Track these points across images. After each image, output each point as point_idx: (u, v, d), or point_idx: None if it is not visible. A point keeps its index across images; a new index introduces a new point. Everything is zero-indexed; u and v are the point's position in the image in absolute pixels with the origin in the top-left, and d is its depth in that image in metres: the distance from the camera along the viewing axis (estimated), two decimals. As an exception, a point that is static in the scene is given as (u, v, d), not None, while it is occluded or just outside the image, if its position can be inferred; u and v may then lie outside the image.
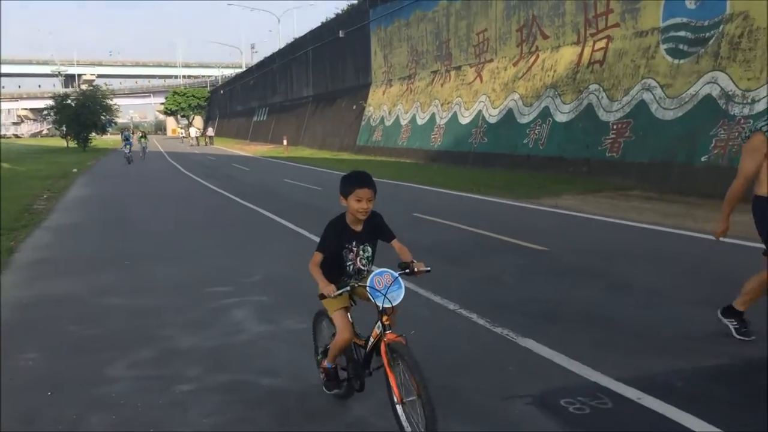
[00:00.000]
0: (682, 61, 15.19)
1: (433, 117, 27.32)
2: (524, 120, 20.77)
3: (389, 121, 31.73)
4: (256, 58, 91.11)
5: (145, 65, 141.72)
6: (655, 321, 5.56)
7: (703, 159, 13.64)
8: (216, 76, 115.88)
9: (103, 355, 5.15)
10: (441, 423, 3.22)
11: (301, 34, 52.11)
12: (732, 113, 13.36)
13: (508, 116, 21.74)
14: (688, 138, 14.33)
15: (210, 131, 71.17)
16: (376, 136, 32.95)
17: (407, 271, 3.64)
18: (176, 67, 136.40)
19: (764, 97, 12.73)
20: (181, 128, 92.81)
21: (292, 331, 5.64)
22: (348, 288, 3.59)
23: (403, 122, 30.10)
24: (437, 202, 14.46)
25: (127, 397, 4.34)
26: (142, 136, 41.87)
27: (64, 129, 55.93)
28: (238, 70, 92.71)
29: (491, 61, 23.94)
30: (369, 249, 3.89)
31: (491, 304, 6.19)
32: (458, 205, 14.10)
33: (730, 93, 13.58)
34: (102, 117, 55.67)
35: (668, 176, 14.48)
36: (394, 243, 3.88)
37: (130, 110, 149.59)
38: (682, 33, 15.32)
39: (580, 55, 18.99)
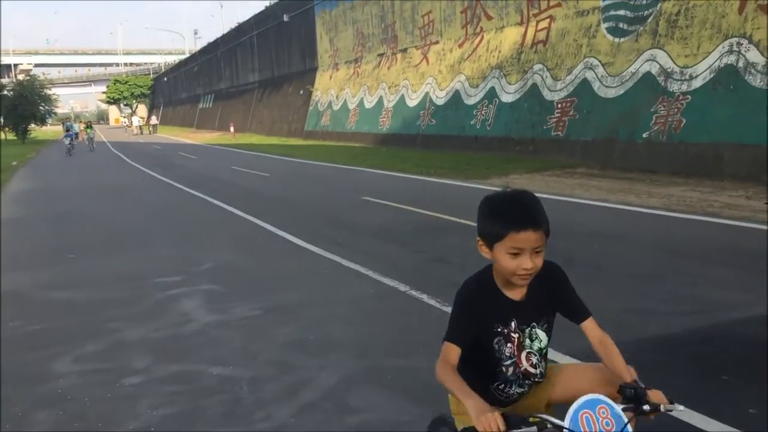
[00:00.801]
0: (622, 40, 15.46)
1: (380, 100, 27.29)
2: (471, 101, 20.92)
3: (337, 105, 31.59)
4: (200, 44, 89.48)
5: (84, 53, 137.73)
6: (597, 295, 5.70)
7: (644, 135, 13.96)
8: (159, 64, 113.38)
9: (49, 351, 5.04)
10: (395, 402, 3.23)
11: (245, 18, 51.39)
12: (671, 90, 13.68)
13: (455, 98, 21.86)
14: (629, 115, 14.63)
15: (154, 120, 69.83)
16: (324, 120, 32.78)
17: (643, 407, 1.84)
18: (117, 54, 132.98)
19: (701, 73, 13.07)
20: (124, 117, 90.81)
21: (242, 318, 5.61)
22: (533, 428, 1.73)
23: (351, 106, 30.00)
24: (387, 186, 14.49)
25: (74, 391, 4.25)
26: (87, 126, 40.04)
27: (2, 121, 54.18)
28: (182, 57, 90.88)
29: (437, 43, 23.99)
30: (542, 335, 2.19)
31: (441, 283, 6.25)
32: (408, 187, 14.16)
33: (668, 70, 13.89)
34: (41, 108, 54.11)
35: (611, 153, 14.78)
36: (588, 326, 2.20)
37: (70, 100, 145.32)
38: (621, 12, 15.59)
39: (524, 35, 19.17)
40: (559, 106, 16.95)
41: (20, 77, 75.47)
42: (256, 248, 8.66)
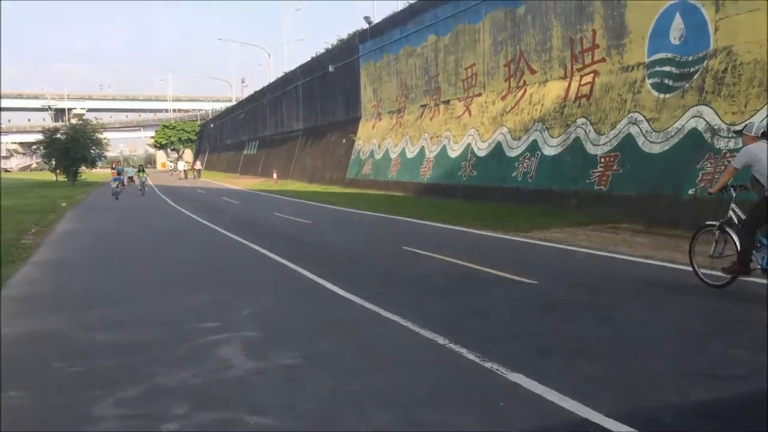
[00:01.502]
0: (667, 96, 15.39)
1: (422, 150, 27.48)
2: (513, 153, 20.93)
3: (379, 154, 31.90)
4: (247, 92, 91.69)
5: (135, 99, 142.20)
6: (646, 355, 5.56)
7: (690, 192, 13.75)
8: (206, 110, 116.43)
9: (89, 393, 5.08)
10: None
11: (292, 68, 52.66)
12: (718, 147, 13.51)
13: (497, 150, 21.90)
14: (674, 171, 14.46)
15: (198, 164, 71.43)
16: (366, 169, 33.09)
17: None
18: (167, 100, 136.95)
19: (749, 131, 12.88)
20: (171, 162, 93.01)
21: (281, 366, 5.60)
22: None
23: (393, 155, 30.25)
24: (427, 236, 14.48)
25: (113, 436, 4.27)
26: (140, 170, 39.10)
27: (54, 163, 55.84)
28: (229, 104, 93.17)
29: (479, 95, 24.19)
30: None
31: (480, 338, 6.17)
32: (448, 238, 14.13)
33: (715, 127, 13.74)
34: (92, 151, 55.67)
35: (656, 209, 14.57)
36: None
37: (120, 144, 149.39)
38: (667, 68, 15.55)
39: (567, 89, 19.23)
40: (603, 160, 16.85)
41: (73, 121, 78.18)
42: (295, 295, 8.69)
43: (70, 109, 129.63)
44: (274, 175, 44.38)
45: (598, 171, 16.88)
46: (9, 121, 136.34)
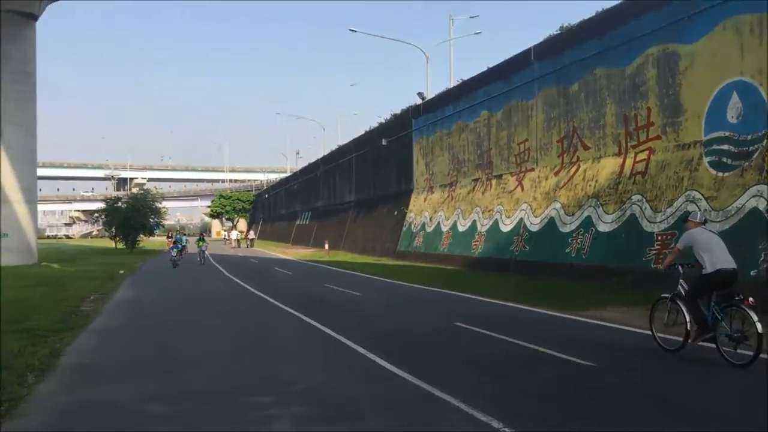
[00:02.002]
0: (726, 174, 15.16)
1: (474, 224, 27.46)
2: (566, 229, 20.74)
3: (430, 227, 31.98)
4: (301, 164, 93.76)
5: (194, 169, 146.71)
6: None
7: (752, 273, 13.35)
8: (261, 180, 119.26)
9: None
10: None
11: (345, 141, 53.79)
12: (780, 226, 13.16)
13: (550, 225, 21.74)
14: (735, 251, 14.00)
15: (251, 234, 72.65)
16: (417, 241, 33.15)
17: None
18: (223, 171, 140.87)
19: (813, 211, 12.54)
20: (224, 231, 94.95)
21: (332, 446, 5.54)
22: None
23: (444, 228, 30.29)
24: (479, 311, 14.31)
25: None
26: (200, 239, 37.64)
27: (114, 230, 57.47)
28: (283, 175, 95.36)
29: (532, 170, 24.22)
30: None
31: (537, 422, 6.01)
32: (500, 314, 13.94)
33: (777, 206, 13.42)
34: (150, 220, 57.17)
35: (716, 289, 14.14)
36: None
37: (177, 212, 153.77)
38: (725, 146, 15.37)
39: (622, 166, 19.12)
40: (660, 238, 16.55)
41: (134, 190, 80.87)
42: (346, 370, 8.64)
43: (131, 179, 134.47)
44: (326, 246, 44.75)
45: (655, 249, 16.57)
46: (74, 189, 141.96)
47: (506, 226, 24.72)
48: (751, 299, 8.28)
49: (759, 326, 7.89)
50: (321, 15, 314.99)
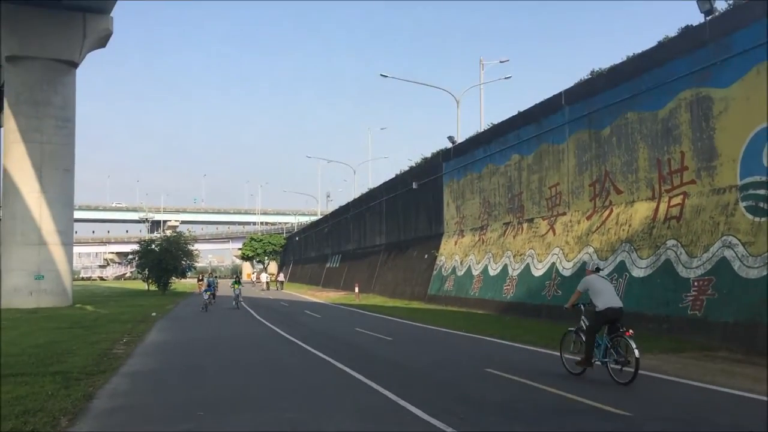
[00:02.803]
0: (763, 219, 14.89)
1: (505, 268, 27.25)
2: (599, 274, 20.43)
3: (461, 270, 31.80)
4: (332, 206, 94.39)
5: (226, 212, 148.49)
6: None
7: (793, 320, 13.01)
8: (292, 223, 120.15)
9: None
10: None
11: (376, 184, 54.10)
12: (821, 273, 12.84)
13: (583, 269, 21.41)
14: (775, 297, 13.74)
15: (281, 277, 73.09)
16: (448, 285, 32.95)
17: None
18: (255, 214, 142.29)
19: None
20: (253, 273, 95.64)
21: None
22: None
23: (475, 272, 30.09)
24: (511, 357, 14.10)
25: None
26: (235, 281, 35.66)
27: (147, 272, 58.10)
28: (314, 218, 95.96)
29: (564, 214, 24.06)
30: None
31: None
32: (533, 360, 13.71)
33: (817, 252, 13.12)
34: (183, 262, 57.69)
35: (755, 337, 13.79)
36: None
37: (209, 254, 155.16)
38: (761, 191, 15.14)
39: (656, 210, 18.91)
40: (696, 284, 16.24)
41: (167, 233, 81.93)
42: (377, 418, 8.53)
43: (165, 221, 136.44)
44: (356, 289, 44.73)
45: (692, 295, 16.25)
46: (108, 231, 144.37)
47: (538, 271, 24.49)
48: (630, 331, 10.64)
49: (636, 352, 10.11)
50: (352, 60, 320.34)
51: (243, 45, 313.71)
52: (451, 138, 37.16)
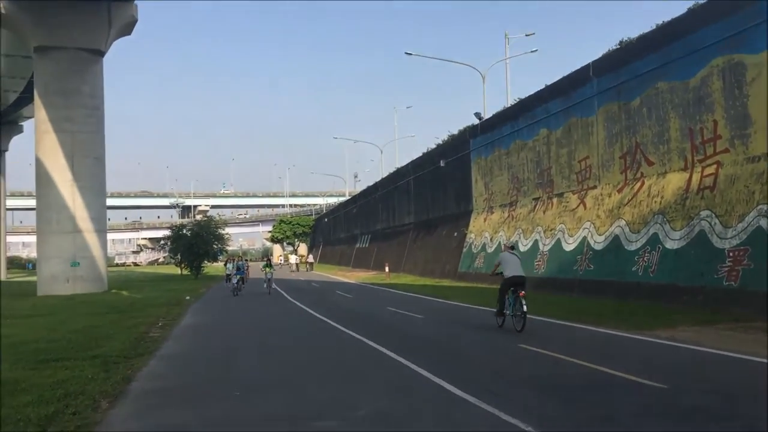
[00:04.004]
0: (800, 186, 14.56)
1: (535, 244, 27.08)
2: (632, 247, 20.24)
3: (491, 247, 31.67)
4: (360, 187, 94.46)
5: (255, 195, 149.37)
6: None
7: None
8: (321, 205, 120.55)
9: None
10: None
11: (403, 164, 53.97)
12: None
13: (615, 243, 21.26)
14: (813, 266, 13.47)
15: (310, 258, 73.64)
16: (478, 262, 32.86)
17: None
18: (284, 196, 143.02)
19: None
20: (281, 256, 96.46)
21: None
22: None
23: (505, 249, 29.93)
24: (544, 333, 14.04)
25: None
26: (266, 264, 32.71)
27: (179, 257, 58.76)
28: (342, 199, 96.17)
29: (594, 187, 23.79)
30: None
31: (610, 448, 5.83)
32: (566, 335, 13.65)
33: None
34: (214, 246, 58.20)
35: (794, 307, 13.55)
36: None
37: (240, 238, 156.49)
38: (797, 157, 14.81)
39: (689, 181, 18.59)
40: (731, 254, 15.98)
41: (198, 218, 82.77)
42: (411, 394, 8.56)
43: (195, 206, 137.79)
44: (386, 269, 44.83)
45: (727, 266, 16.01)
46: (140, 218, 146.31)
47: (569, 245, 24.30)
48: (523, 292, 14.09)
49: (525, 308, 13.86)
50: (377, 39, 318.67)
51: (268, 26, 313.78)
52: (477, 114, 36.91)
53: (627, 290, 19.66)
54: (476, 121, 36.39)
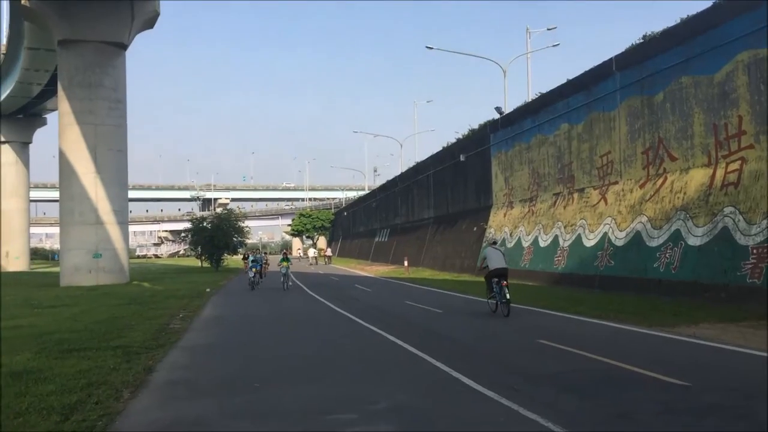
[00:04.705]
0: (826, 183, 14.34)
1: (556, 239, 26.94)
2: (654, 243, 20.07)
3: (511, 242, 31.55)
4: (379, 181, 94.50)
5: (275, 189, 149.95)
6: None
7: None
8: (340, 198, 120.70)
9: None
10: None
11: (423, 158, 53.86)
12: None
13: (636, 239, 21.09)
14: (840, 264, 13.27)
15: (329, 251, 73.92)
16: (498, 257, 32.69)
17: None
18: (303, 190, 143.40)
19: None
20: (299, 250, 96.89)
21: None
22: None
23: (525, 244, 29.83)
24: (563, 328, 13.98)
25: None
26: (284, 259, 30.36)
27: (199, 250, 59.14)
28: (362, 193, 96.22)
29: (616, 183, 23.59)
30: None
31: (630, 445, 5.79)
32: (587, 331, 13.57)
33: None
34: (234, 238, 58.51)
35: (820, 305, 13.35)
36: None
37: (259, 231, 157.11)
38: (824, 153, 14.57)
39: (712, 176, 18.38)
40: (755, 251, 15.78)
41: (218, 210, 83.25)
42: (430, 389, 8.57)
43: (215, 199, 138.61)
44: (406, 263, 44.83)
45: (751, 263, 15.82)
46: (161, 210, 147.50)
47: (590, 241, 24.14)
48: (505, 282, 16.27)
49: (508, 296, 16.06)
50: (397, 34, 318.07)
51: (291, 22, 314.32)
52: (498, 109, 36.70)
53: (648, 287, 19.50)
54: (497, 116, 36.20)
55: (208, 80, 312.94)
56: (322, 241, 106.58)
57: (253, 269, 30.86)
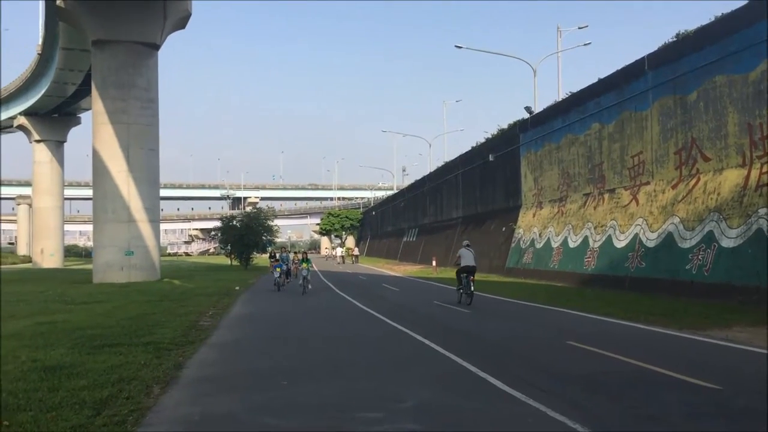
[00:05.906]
0: None
1: (585, 240, 26.69)
2: (686, 244, 19.79)
3: (540, 243, 31.34)
4: (407, 180, 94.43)
5: (303, 188, 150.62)
6: None
7: None
8: (368, 198, 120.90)
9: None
10: None
11: (451, 158, 53.72)
12: None
13: (668, 240, 20.81)
14: None
15: (356, 251, 74.09)
16: (527, 258, 32.56)
17: None
18: (332, 189, 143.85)
19: None
20: (326, 249, 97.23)
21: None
22: None
23: (555, 245, 29.61)
24: (593, 330, 13.86)
25: None
26: (304, 260, 27.36)
27: (229, 248, 59.61)
28: (390, 192, 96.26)
29: (647, 183, 23.30)
30: None
31: (660, 448, 5.73)
32: (616, 333, 13.43)
33: None
34: (263, 237, 58.88)
35: None
36: None
37: (288, 230, 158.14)
38: None
39: (747, 177, 18.07)
40: (790, 253, 15.48)
41: (248, 209, 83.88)
42: (456, 388, 8.55)
43: (245, 198, 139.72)
44: (434, 263, 44.76)
45: (786, 265, 15.51)
46: (192, 209, 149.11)
47: (620, 242, 23.88)
48: (473, 278, 19.56)
49: (472, 288, 19.42)
50: (427, 33, 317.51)
51: (322, 23, 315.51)
52: (528, 108, 36.47)
53: (680, 289, 19.23)
54: (526, 116, 35.97)
55: (239, 80, 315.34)
56: (350, 241, 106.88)
57: (278, 269, 28.99)
